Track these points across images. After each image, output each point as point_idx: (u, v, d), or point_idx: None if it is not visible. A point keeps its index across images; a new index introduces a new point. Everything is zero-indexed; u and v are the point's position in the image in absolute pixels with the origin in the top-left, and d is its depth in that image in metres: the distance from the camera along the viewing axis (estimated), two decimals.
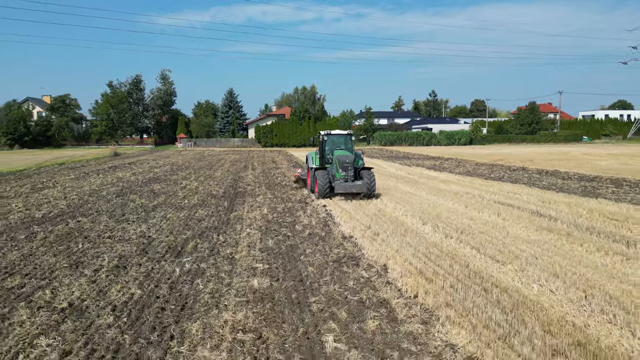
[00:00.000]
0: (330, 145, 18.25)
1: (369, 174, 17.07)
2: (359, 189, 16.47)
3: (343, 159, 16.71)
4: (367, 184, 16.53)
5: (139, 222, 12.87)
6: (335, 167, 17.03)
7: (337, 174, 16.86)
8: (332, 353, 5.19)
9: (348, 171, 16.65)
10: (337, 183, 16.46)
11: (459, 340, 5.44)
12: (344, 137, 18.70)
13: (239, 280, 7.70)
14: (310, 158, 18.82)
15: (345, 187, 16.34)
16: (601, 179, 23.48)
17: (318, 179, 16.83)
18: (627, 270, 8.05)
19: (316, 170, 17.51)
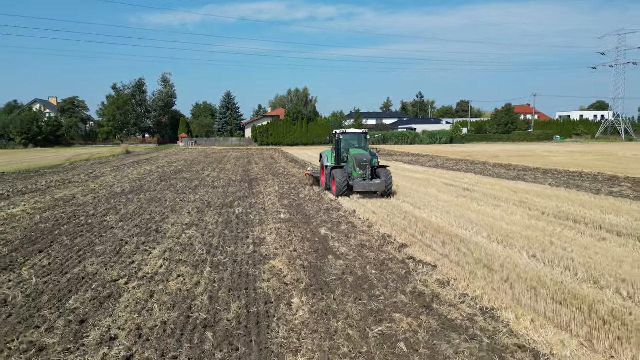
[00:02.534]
0: (345, 144, 18.62)
1: (385, 172, 17.22)
2: (378, 187, 16.66)
3: (360, 158, 16.99)
4: (385, 182, 16.70)
5: (192, 194, 18.85)
6: (352, 165, 17.30)
7: (354, 172, 17.11)
8: (324, 235, 11.22)
9: (366, 170, 16.92)
10: (356, 182, 16.63)
11: (385, 231, 11.50)
12: (358, 136, 19.09)
13: (271, 216, 13.74)
14: (326, 156, 19.13)
15: (364, 186, 16.54)
16: (538, 170, 29.73)
17: (336, 178, 16.94)
18: (492, 212, 14.20)
19: (333, 169, 17.72)
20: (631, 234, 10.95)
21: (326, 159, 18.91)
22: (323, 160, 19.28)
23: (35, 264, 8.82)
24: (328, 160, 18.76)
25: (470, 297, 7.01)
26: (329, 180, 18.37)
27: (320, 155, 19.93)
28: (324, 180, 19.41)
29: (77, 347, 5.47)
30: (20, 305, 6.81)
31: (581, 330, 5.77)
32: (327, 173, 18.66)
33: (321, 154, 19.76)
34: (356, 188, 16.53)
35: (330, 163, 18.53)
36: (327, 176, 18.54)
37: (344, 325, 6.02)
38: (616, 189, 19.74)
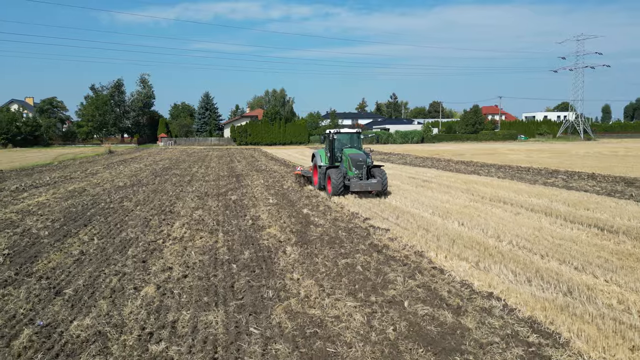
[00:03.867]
0: (339, 144, 18.69)
1: (380, 172, 17.28)
2: (374, 187, 16.67)
3: (356, 158, 17.01)
4: (381, 182, 16.78)
5: (189, 186, 21.58)
6: (347, 165, 17.32)
7: (349, 172, 17.10)
8: (306, 213, 14.23)
9: (362, 169, 16.94)
10: (353, 181, 16.56)
11: (354, 210, 14.58)
12: (351, 136, 19.23)
13: (262, 201, 16.68)
14: (319, 156, 19.11)
15: (361, 186, 16.50)
16: (493, 166, 33.41)
17: (332, 177, 17.00)
18: (441, 197, 17.47)
19: (328, 169, 17.85)
20: (540, 210, 14.35)
21: (319, 159, 18.97)
22: (316, 159, 19.31)
23: (87, 233, 11.57)
24: (322, 160, 18.81)
25: (409, 245, 10.14)
26: (323, 180, 18.47)
27: (313, 155, 19.97)
28: (316, 180, 19.46)
29: (147, 273, 8.34)
30: (95, 254, 9.63)
31: (474, 260, 8.96)
32: (321, 173, 18.70)
33: (314, 153, 19.81)
34: (353, 188, 16.50)
35: (324, 163, 18.64)
36: (322, 176, 18.62)
37: (322, 260, 9.06)
38: (551, 180, 23.38)
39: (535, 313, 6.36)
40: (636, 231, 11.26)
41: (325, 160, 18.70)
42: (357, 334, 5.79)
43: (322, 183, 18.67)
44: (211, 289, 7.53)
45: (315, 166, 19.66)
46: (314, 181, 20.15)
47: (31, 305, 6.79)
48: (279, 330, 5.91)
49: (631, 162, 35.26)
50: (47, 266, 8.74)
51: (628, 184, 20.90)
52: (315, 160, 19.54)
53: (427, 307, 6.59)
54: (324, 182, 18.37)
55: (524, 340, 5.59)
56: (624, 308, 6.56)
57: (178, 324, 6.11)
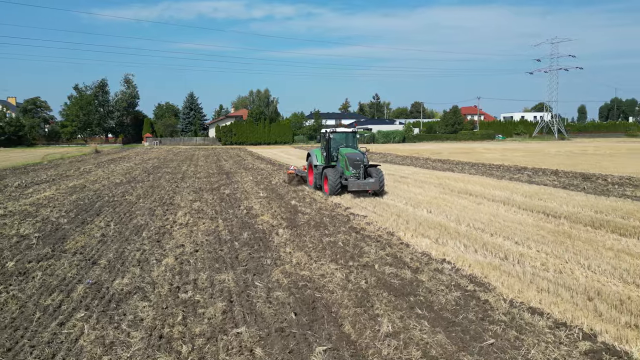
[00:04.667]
0: (335, 143, 18.70)
1: (377, 171, 17.40)
2: (372, 186, 16.73)
3: (354, 157, 17.07)
4: (378, 181, 16.91)
5: (182, 183, 23.11)
6: (343, 164, 17.35)
7: (346, 171, 17.15)
8: (294, 204, 15.96)
9: (359, 169, 16.99)
10: (350, 181, 16.62)
11: (337, 201, 16.37)
12: (347, 135, 19.26)
13: (253, 194, 18.35)
14: (314, 155, 19.24)
15: (359, 185, 16.54)
16: (468, 164, 35.61)
17: (329, 177, 17.09)
18: (415, 190, 19.38)
19: (325, 168, 17.85)
20: (500, 200, 16.34)
21: (315, 158, 19.12)
22: (312, 159, 19.42)
23: (102, 220, 13.12)
24: (317, 160, 18.97)
25: (382, 228, 11.97)
26: (319, 180, 18.46)
27: (308, 154, 20.07)
28: (312, 180, 19.49)
29: (163, 249, 9.99)
30: (114, 236, 11.23)
31: (435, 237, 10.82)
32: (317, 172, 18.69)
33: (309, 152, 20.02)
34: (351, 187, 16.56)
35: (319, 162, 18.77)
36: (318, 175, 18.57)
37: (309, 239, 10.82)
38: (517, 175, 25.55)
39: (475, 271, 8.23)
40: (575, 216, 13.29)
41: (321, 160, 18.82)
42: (337, 285, 7.56)
43: (318, 183, 18.63)
44: (220, 259, 9.23)
45: (311, 166, 19.70)
46: (309, 181, 20.07)
47: (76, 271, 8.40)
48: (277, 284, 7.65)
49: (596, 159, 37.87)
50: (76, 245, 10.32)
51: (585, 179, 23.14)
52: (311, 160, 19.58)
53: (393, 268, 8.41)
54: (320, 182, 18.33)
55: (463, 287, 7.44)
56: (544, 268, 8.47)
57: (198, 281, 7.81)
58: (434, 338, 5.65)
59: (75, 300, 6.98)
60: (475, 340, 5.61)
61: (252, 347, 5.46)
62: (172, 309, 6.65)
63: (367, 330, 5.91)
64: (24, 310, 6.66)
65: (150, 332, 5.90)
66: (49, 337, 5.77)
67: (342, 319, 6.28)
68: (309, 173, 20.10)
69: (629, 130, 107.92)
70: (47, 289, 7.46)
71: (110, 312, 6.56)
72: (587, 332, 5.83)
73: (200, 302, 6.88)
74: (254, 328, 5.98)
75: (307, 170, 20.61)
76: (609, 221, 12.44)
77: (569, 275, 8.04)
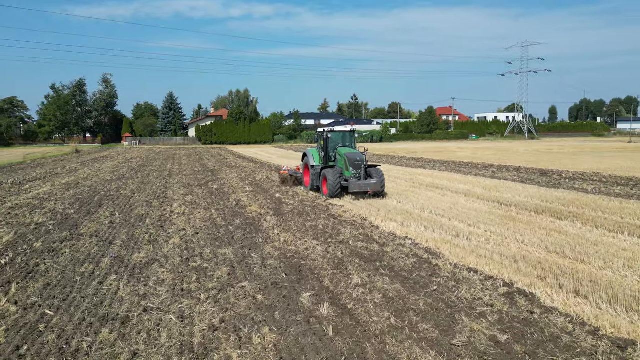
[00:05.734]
0: (332, 143, 18.30)
1: (377, 171, 16.99)
2: (374, 187, 16.28)
3: (354, 157, 16.62)
4: (380, 182, 16.49)
5: (173, 179, 24.50)
6: (342, 165, 16.94)
7: (345, 172, 16.70)
8: (279, 197, 17.62)
9: (360, 169, 16.51)
10: (351, 182, 16.13)
11: (317, 195, 18.11)
12: (344, 134, 18.79)
13: (240, 189, 19.94)
14: (311, 156, 18.76)
15: (360, 186, 16.11)
16: (439, 161, 37.82)
17: (328, 178, 16.62)
18: (387, 184, 21.28)
19: (324, 169, 17.39)
20: (462, 192, 18.36)
21: (312, 159, 18.62)
22: (308, 159, 18.92)
23: (105, 211, 14.56)
24: (314, 160, 18.51)
25: (357, 214, 13.77)
26: (316, 181, 18.03)
27: (304, 155, 19.60)
28: (308, 181, 19.13)
29: (168, 232, 11.55)
30: (121, 223, 12.72)
31: (401, 221, 12.67)
32: (314, 173, 18.26)
33: (305, 153, 19.46)
34: (352, 188, 16.15)
35: (317, 163, 18.34)
36: (315, 176, 18.13)
37: (294, 224, 12.53)
38: (483, 172, 27.75)
39: (430, 245, 10.09)
40: (523, 204, 15.36)
41: (319, 160, 18.35)
42: (318, 255, 9.31)
43: (315, 184, 18.22)
44: (218, 239, 10.87)
45: (307, 166, 19.26)
46: (304, 182, 19.61)
47: (98, 249, 9.93)
48: (270, 255, 9.35)
49: (558, 157, 40.60)
50: (90, 230, 11.79)
51: (542, 175, 25.45)
52: (307, 160, 19.06)
53: (364, 243, 10.20)
54: (318, 183, 17.90)
55: (419, 256, 9.27)
56: (486, 242, 10.39)
57: (204, 254, 9.44)
58: (392, 287, 7.44)
59: (104, 269, 8.54)
60: (423, 288, 7.42)
61: (254, 295, 7.15)
62: (187, 272, 8.29)
63: (341, 283, 7.67)
64: (64, 275, 8.18)
65: (173, 287, 7.53)
66: (93, 291, 7.34)
67: (323, 277, 8.01)
68: (305, 174, 19.72)
69: (596, 130, 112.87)
70: (78, 262, 8.98)
71: (137, 275, 8.14)
72: (507, 282, 7.70)
73: (209, 268, 8.52)
74: (255, 283, 7.67)
75: (302, 171, 20.23)
76: (551, 208, 14.51)
77: (505, 247, 9.96)
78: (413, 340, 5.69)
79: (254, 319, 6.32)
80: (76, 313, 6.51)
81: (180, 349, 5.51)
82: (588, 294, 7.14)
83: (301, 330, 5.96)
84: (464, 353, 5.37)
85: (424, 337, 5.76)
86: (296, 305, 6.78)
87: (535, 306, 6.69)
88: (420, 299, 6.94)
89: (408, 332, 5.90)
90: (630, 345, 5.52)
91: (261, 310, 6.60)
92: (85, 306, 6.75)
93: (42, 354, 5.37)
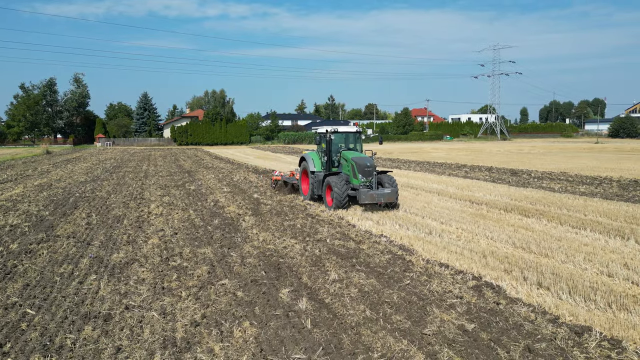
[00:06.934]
0: (336, 145, 16.17)
1: (389, 178, 14.76)
2: (388, 197, 14.07)
3: (363, 162, 14.40)
4: (395, 192, 14.26)
5: (149, 180, 24.35)
6: (348, 171, 14.79)
7: (353, 180, 14.54)
8: (257, 197, 17.79)
9: (371, 177, 14.28)
10: (362, 192, 13.77)
11: (295, 194, 18.33)
12: (348, 135, 16.47)
13: (217, 190, 20.01)
14: (311, 160, 16.47)
15: (373, 197, 13.81)
16: (414, 162, 38.54)
17: (334, 187, 14.38)
18: None
19: (328, 176, 15.17)
20: (435, 192, 18.89)
21: (312, 164, 16.31)
22: (307, 164, 16.49)
23: (82, 212, 14.46)
24: (314, 165, 16.25)
25: (334, 214, 14.07)
26: (318, 189, 15.78)
27: (302, 159, 17.14)
28: (306, 189, 16.89)
29: (146, 233, 11.61)
30: (99, 224, 12.69)
31: (376, 220, 13.04)
32: (315, 180, 15.95)
33: (304, 156, 17.02)
34: (363, 199, 13.77)
35: (317, 168, 16.14)
36: (316, 184, 15.85)
37: (272, 223, 12.75)
38: (456, 171, 28.48)
39: (404, 242, 10.47)
40: (494, 202, 15.95)
41: (320, 166, 16.20)
42: (297, 253, 9.56)
43: (316, 193, 15.96)
44: (197, 238, 11.00)
45: (305, 172, 17.07)
46: (302, 190, 17.31)
47: (76, 249, 9.94)
48: (249, 254, 9.55)
49: (529, 158, 41.88)
50: (66, 231, 11.75)
51: (513, 174, 26.30)
52: (306, 165, 16.69)
53: (341, 241, 10.51)
54: (320, 192, 15.71)
55: (394, 252, 9.62)
56: (458, 238, 10.84)
57: (183, 254, 9.58)
58: (368, 281, 7.77)
59: (84, 269, 8.59)
60: (397, 282, 7.77)
61: (234, 291, 7.36)
62: (167, 271, 8.42)
63: (319, 279, 7.95)
64: (43, 275, 8.21)
65: (154, 286, 7.67)
66: (74, 290, 7.42)
67: (301, 273, 8.27)
68: (302, 181, 17.35)
69: (565, 131, 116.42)
70: (57, 262, 9.00)
71: (117, 275, 8.24)
72: (476, 275, 8.12)
73: (188, 267, 8.68)
74: (235, 280, 7.87)
75: (298, 177, 17.75)
76: (519, 206, 15.14)
77: (475, 243, 10.43)
78: (387, 330, 6.01)
79: (235, 314, 6.54)
80: (58, 312, 6.59)
81: (163, 343, 5.68)
82: (550, 285, 7.61)
83: (280, 323, 6.21)
84: (434, 341, 5.72)
85: (397, 328, 6.08)
86: (275, 300, 7.02)
87: (501, 297, 7.11)
88: (394, 293, 7.27)
89: (382, 323, 6.22)
90: (586, 331, 5.97)
91: (241, 306, 6.81)
92: (67, 305, 6.83)
93: (27, 351, 5.46)
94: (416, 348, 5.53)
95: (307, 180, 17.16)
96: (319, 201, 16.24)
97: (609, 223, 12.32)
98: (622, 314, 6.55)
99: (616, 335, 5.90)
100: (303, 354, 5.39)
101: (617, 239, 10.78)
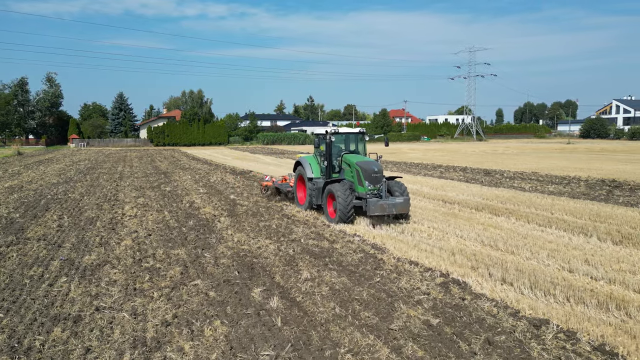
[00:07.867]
0: (336, 148, 14.61)
1: (399, 185, 13.24)
2: (401, 208, 12.41)
3: (370, 168, 12.73)
4: (407, 201, 12.63)
5: (124, 181, 24.06)
6: (354, 177, 13.08)
7: (359, 187, 12.84)
8: (233, 198, 17.81)
9: (379, 184, 12.64)
10: (371, 202, 12.05)
11: (271, 196, 18.42)
12: (349, 137, 14.93)
13: (194, 191, 19.93)
14: (308, 165, 14.75)
15: (384, 207, 12.07)
16: (392, 162, 38.98)
17: (338, 197, 12.59)
18: None
19: (329, 184, 13.33)
20: (410, 192, 19.17)
21: (309, 169, 14.62)
22: (304, 170, 14.81)
23: (53, 214, 14.25)
24: (312, 171, 14.56)
25: (309, 215, 14.21)
26: (317, 198, 14.07)
27: (298, 163, 15.55)
28: (303, 198, 15.25)
29: (119, 235, 11.54)
30: (70, 226, 12.54)
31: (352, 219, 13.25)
32: (313, 188, 14.24)
33: (299, 161, 15.36)
34: (372, 211, 12.05)
35: (316, 175, 14.48)
36: (315, 192, 14.13)
37: (247, 224, 12.82)
38: (431, 172, 28.98)
39: (376, 241, 10.69)
40: (465, 202, 16.34)
41: (319, 171, 14.56)
42: (271, 253, 9.67)
43: (314, 202, 14.22)
44: (171, 240, 11.00)
45: (301, 178, 15.31)
46: (297, 199, 15.62)
47: (46, 252, 9.83)
48: (223, 255, 9.62)
49: (502, 158, 42.83)
50: (37, 233, 11.58)
51: (486, 174, 26.91)
52: (302, 171, 15.00)
53: (315, 241, 10.66)
54: (319, 202, 14.00)
55: (366, 251, 9.83)
56: (428, 237, 11.12)
57: (156, 255, 9.58)
58: (339, 280, 7.94)
59: (54, 271, 8.53)
60: (367, 280, 7.96)
61: (206, 292, 7.44)
62: (139, 273, 8.43)
63: (291, 278, 8.08)
64: (12, 278, 8.12)
65: (125, 287, 7.67)
66: (44, 293, 7.37)
67: (274, 273, 8.39)
68: (298, 188, 15.70)
69: (538, 132, 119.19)
70: (26, 265, 8.90)
71: (88, 277, 8.21)
72: (444, 272, 8.38)
73: (161, 268, 8.70)
74: (207, 281, 7.94)
75: (293, 184, 16.07)
76: (490, 205, 15.55)
77: (445, 241, 10.72)
78: (355, 326, 6.18)
79: (206, 313, 6.62)
80: (27, 314, 6.56)
81: (133, 343, 5.73)
82: (513, 281, 7.91)
83: (251, 322, 6.32)
84: (399, 336, 5.91)
85: (365, 324, 6.26)
86: (247, 299, 7.12)
87: (467, 293, 7.37)
88: (364, 290, 7.46)
89: (351, 319, 6.39)
90: (544, 324, 6.26)
91: (213, 306, 6.89)
92: (36, 307, 6.80)
93: None
94: (382, 343, 5.72)
95: (302, 188, 15.42)
96: (319, 211, 14.37)
97: (574, 221, 12.79)
98: (579, 307, 6.88)
99: (572, 327, 6.20)
100: (272, 351, 5.52)
101: (580, 236, 11.22)
